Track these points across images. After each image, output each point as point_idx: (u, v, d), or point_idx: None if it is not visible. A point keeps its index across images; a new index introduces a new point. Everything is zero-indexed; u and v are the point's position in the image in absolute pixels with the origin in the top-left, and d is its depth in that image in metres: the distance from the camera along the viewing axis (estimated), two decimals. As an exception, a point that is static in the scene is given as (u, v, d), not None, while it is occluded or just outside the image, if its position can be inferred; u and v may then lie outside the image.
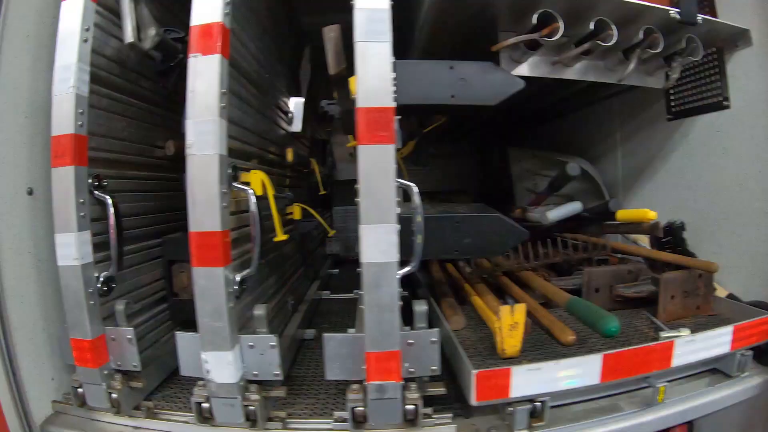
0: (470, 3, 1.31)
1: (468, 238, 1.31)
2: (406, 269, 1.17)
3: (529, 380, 1.17)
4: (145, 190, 1.49)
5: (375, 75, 1.12)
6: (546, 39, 1.31)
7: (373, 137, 1.11)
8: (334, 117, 2.94)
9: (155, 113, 1.55)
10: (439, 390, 1.24)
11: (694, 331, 1.34)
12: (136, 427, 1.31)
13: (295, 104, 1.87)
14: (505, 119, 2.61)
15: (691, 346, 1.31)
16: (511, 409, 1.19)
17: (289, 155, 1.68)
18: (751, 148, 1.56)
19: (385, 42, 1.12)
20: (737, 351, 1.41)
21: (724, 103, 1.62)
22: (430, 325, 1.22)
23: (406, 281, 1.88)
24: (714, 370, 1.48)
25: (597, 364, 1.21)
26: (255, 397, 1.23)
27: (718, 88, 1.64)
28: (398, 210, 1.12)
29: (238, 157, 1.30)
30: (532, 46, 1.38)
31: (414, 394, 1.19)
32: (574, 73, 1.49)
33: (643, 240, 1.87)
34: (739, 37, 1.57)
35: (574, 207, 1.89)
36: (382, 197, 1.11)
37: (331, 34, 1.23)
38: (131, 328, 1.27)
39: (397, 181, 1.15)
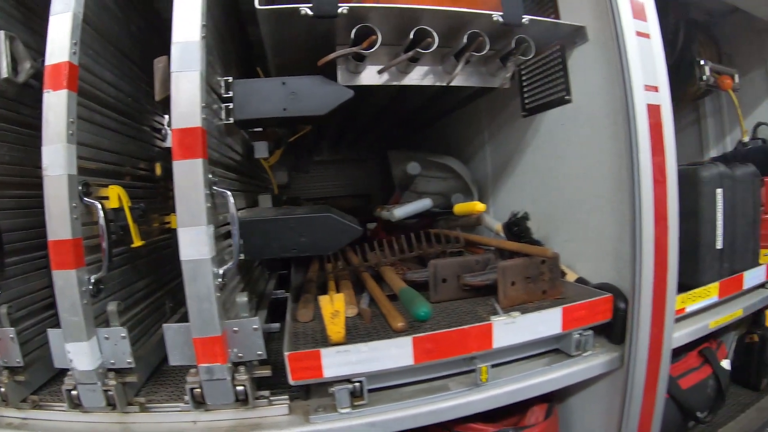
0: (297, 20, 1.42)
1: (304, 237, 1.45)
2: (227, 266, 1.33)
3: (339, 361, 1.29)
4: (29, 207, 1.67)
5: (186, 100, 1.27)
6: (365, 51, 1.45)
7: (185, 153, 1.26)
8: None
9: (36, 137, 1.75)
10: (265, 372, 1.37)
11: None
12: (24, 418, 1.50)
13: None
14: (392, 124, 2.73)
15: (513, 328, 1.39)
16: (332, 389, 1.31)
17: (158, 170, 1.86)
18: (591, 138, 1.63)
19: (196, 71, 1.27)
20: (573, 331, 1.48)
21: (566, 97, 1.70)
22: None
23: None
24: (558, 350, 1.55)
25: (408, 346, 1.32)
26: (112, 382, 1.40)
27: (562, 84, 1.72)
28: (206, 214, 1.26)
29: (97, 175, 1.49)
30: (361, 58, 1.52)
31: (243, 376, 1.33)
32: (413, 78, 1.61)
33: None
34: (577, 34, 1.65)
35: (423, 204, 1.99)
36: (193, 204, 1.26)
37: (159, 64, 1.41)
38: (13, 328, 1.47)
39: (215, 189, 1.31)
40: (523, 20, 1.53)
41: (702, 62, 2.59)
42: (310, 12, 1.39)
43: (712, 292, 1.86)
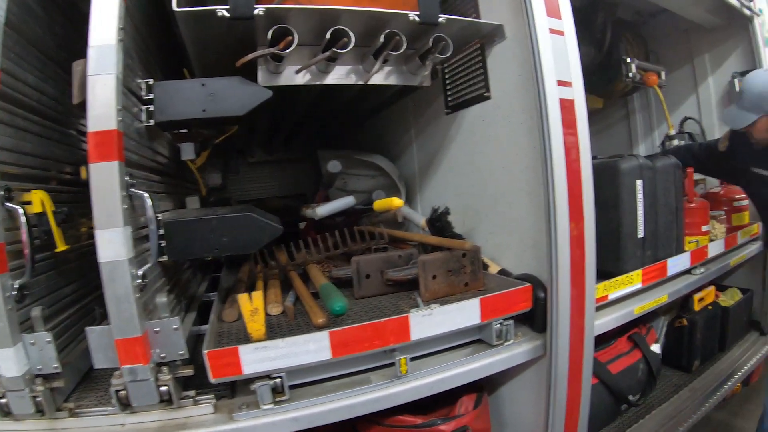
0: (215, 22, 1.43)
1: (225, 237, 1.45)
2: (146, 266, 1.34)
3: (258, 358, 1.30)
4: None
5: (102, 103, 1.25)
6: (281, 52, 1.47)
7: (101, 156, 1.25)
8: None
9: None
10: (188, 371, 1.38)
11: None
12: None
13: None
14: (323, 124, 2.77)
15: (430, 320, 1.43)
16: (254, 386, 1.33)
17: (83, 173, 1.84)
18: (507, 134, 1.69)
19: (111, 74, 1.26)
20: (493, 321, 1.53)
21: (486, 94, 1.76)
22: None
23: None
24: (481, 340, 1.60)
25: (325, 340, 1.34)
26: (40, 388, 1.39)
27: (482, 81, 1.77)
28: (123, 215, 1.26)
29: (20, 180, 1.47)
30: (279, 59, 1.54)
31: (166, 377, 1.33)
32: (334, 78, 1.63)
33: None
34: (495, 33, 1.70)
35: (346, 201, 2.03)
36: (110, 205, 1.25)
37: (77, 67, 1.40)
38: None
39: (132, 191, 1.32)
40: (440, 19, 1.56)
41: (629, 60, 2.69)
42: (226, 14, 1.39)
43: (635, 280, 1.94)
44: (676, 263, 2.17)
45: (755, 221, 2.88)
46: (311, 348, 1.33)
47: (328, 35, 1.48)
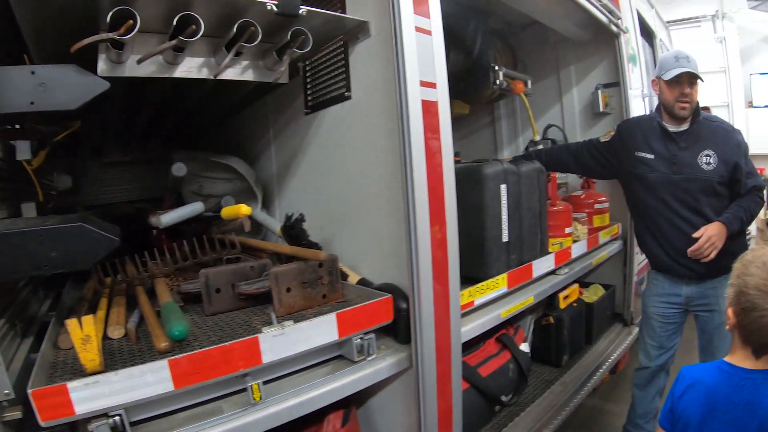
0: (51, 2, 1.21)
1: (55, 252, 1.22)
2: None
3: (90, 395, 1.08)
4: None
5: None
6: (122, 37, 1.26)
7: None
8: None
9: None
10: (15, 414, 1.13)
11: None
12: None
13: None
14: (181, 122, 2.59)
15: (283, 340, 1.29)
16: (91, 426, 1.10)
17: None
18: (368, 136, 1.62)
19: None
20: (353, 336, 1.44)
21: (346, 94, 1.67)
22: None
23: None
24: (342, 356, 1.50)
25: (165, 370, 1.16)
26: None
27: (344, 80, 1.69)
28: None
29: None
30: (121, 46, 1.33)
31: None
32: (183, 71, 1.45)
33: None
34: (360, 29, 1.62)
35: (194, 208, 1.88)
36: None
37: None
38: None
39: None
40: (301, 11, 1.43)
41: (497, 68, 2.76)
42: (60, -8, 1.17)
43: (501, 284, 1.96)
44: (541, 265, 2.23)
45: (615, 222, 3.09)
46: (150, 380, 1.14)
47: (174, 21, 1.29)
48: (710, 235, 2.06)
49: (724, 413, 1.31)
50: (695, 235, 2.09)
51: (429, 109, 1.48)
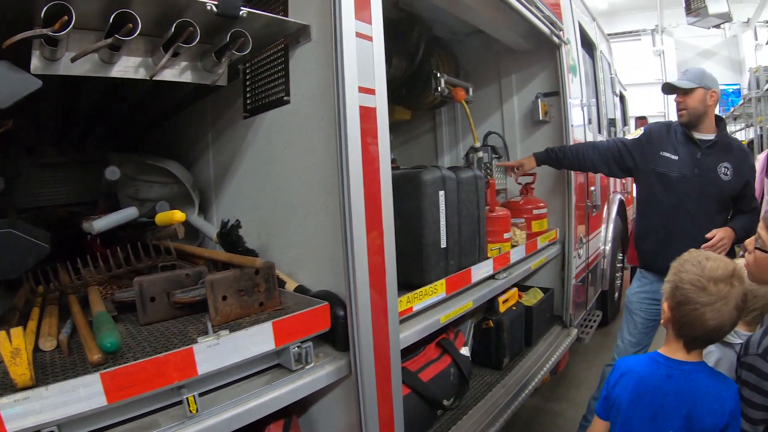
0: None
1: None
2: None
3: (21, 411, 1.00)
4: None
5: None
6: (56, 34, 1.19)
7: None
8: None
9: None
10: None
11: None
12: None
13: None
14: (119, 122, 2.51)
15: (218, 350, 1.25)
16: None
17: None
18: (306, 141, 1.60)
19: None
20: (290, 345, 1.41)
21: (285, 98, 1.66)
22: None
23: None
24: (280, 365, 1.47)
25: (97, 384, 1.09)
26: None
27: (283, 84, 1.67)
28: None
29: None
30: (55, 43, 1.26)
31: None
32: (120, 70, 1.40)
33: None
34: (301, 33, 1.60)
35: (127, 213, 1.82)
36: None
37: None
38: None
39: None
40: (241, 13, 1.40)
41: (439, 75, 2.80)
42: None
43: (440, 289, 1.98)
44: (480, 270, 2.28)
45: (553, 227, 3.20)
46: (82, 394, 1.08)
47: (111, 19, 1.24)
48: (722, 237, 2.25)
49: (653, 400, 1.39)
50: (708, 235, 2.28)
51: (367, 115, 1.49)
